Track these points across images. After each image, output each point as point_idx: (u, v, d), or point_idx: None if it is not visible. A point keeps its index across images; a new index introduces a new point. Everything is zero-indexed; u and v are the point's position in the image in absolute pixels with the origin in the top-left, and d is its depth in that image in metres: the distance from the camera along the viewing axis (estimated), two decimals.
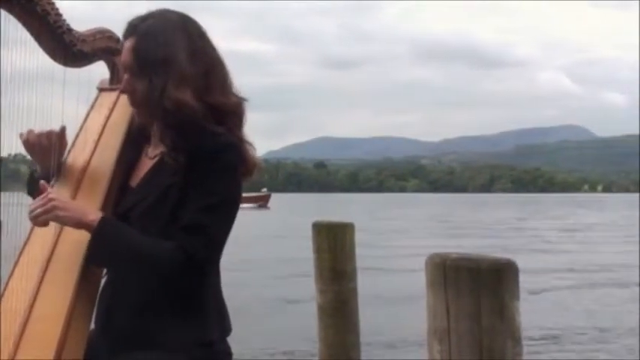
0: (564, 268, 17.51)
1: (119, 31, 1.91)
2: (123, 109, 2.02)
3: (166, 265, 1.69)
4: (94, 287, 1.82)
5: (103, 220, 1.74)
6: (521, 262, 1.40)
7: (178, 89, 1.75)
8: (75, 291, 1.73)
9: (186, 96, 1.76)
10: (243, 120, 1.86)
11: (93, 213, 1.76)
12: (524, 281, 1.39)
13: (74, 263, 1.76)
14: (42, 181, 1.77)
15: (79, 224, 1.74)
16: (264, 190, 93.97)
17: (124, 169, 1.93)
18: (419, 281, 1.58)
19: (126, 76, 1.84)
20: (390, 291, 14.66)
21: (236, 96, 1.85)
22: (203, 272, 1.72)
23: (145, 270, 1.73)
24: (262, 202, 79.46)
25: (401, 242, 25.51)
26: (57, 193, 1.79)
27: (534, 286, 13.52)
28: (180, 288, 1.74)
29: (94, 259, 1.74)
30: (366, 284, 4.31)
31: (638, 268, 16.08)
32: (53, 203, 1.72)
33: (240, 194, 1.82)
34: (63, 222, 1.75)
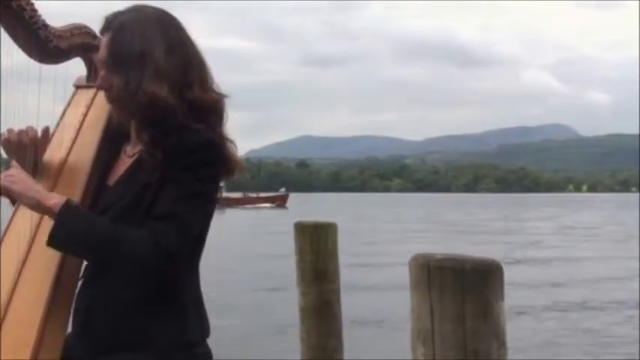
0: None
1: (98, 27, 1.89)
2: (100, 107, 2.01)
3: (133, 250, 1.67)
4: (71, 288, 1.81)
5: (67, 203, 1.72)
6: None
7: (154, 84, 1.74)
8: (51, 292, 1.72)
9: (163, 91, 1.75)
10: (224, 117, 1.85)
11: (56, 197, 1.73)
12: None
13: (50, 264, 1.75)
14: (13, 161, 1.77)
15: (38, 207, 1.73)
16: (282, 189, 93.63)
17: (102, 168, 1.92)
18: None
19: (102, 72, 1.82)
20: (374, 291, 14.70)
21: (216, 92, 1.84)
22: (174, 260, 1.69)
23: (112, 257, 1.70)
24: (280, 202, 79.54)
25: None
26: (23, 171, 1.78)
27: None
28: (153, 281, 1.71)
29: (55, 242, 1.70)
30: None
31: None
32: (11, 176, 1.74)
33: (217, 192, 1.81)
34: (18, 197, 1.75)
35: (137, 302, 1.74)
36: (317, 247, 3.72)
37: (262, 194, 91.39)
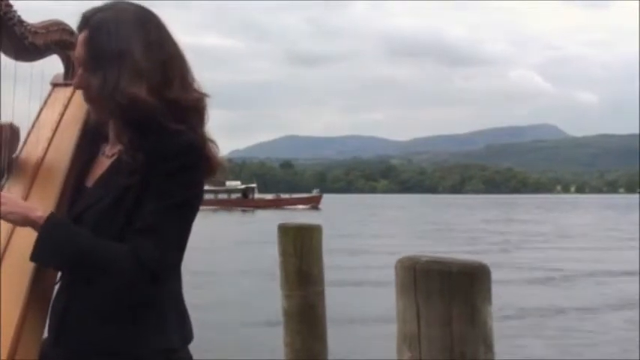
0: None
1: (76, 24, 1.88)
2: (78, 106, 1.99)
3: (116, 268, 1.66)
4: (47, 294, 1.79)
5: (50, 217, 1.70)
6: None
7: (132, 83, 1.72)
8: (27, 298, 1.70)
9: (141, 91, 1.73)
10: (205, 117, 1.83)
11: (40, 210, 1.72)
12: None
13: (26, 268, 1.73)
14: None
15: (26, 221, 1.70)
16: (316, 190, 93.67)
17: (80, 169, 1.90)
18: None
19: (79, 71, 1.81)
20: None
21: (197, 91, 1.83)
22: (156, 277, 1.69)
23: (94, 273, 1.69)
24: (314, 203, 79.56)
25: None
26: (3, 190, 1.76)
27: None
28: (135, 294, 1.71)
29: (39, 257, 1.69)
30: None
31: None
32: None
33: (201, 195, 1.80)
34: (8, 219, 1.71)
35: (114, 309, 1.73)
36: (301, 249, 3.71)
37: (295, 195, 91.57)
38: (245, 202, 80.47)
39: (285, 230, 3.81)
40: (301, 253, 3.71)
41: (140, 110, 1.73)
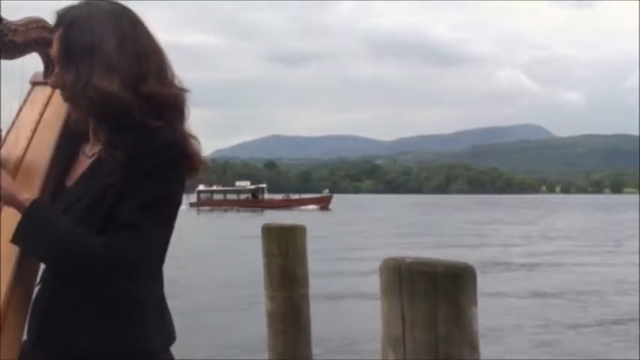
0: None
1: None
2: (58, 104, 1.97)
3: (92, 260, 1.65)
4: (29, 289, 1.78)
5: (36, 202, 1.71)
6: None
7: (104, 78, 1.72)
8: (9, 291, 1.69)
9: (114, 86, 1.72)
10: (185, 112, 1.83)
11: (27, 194, 1.72)
12: None
13: (10, 254, 1.72)
14: None
15: (11, 199, 1.71)
16: (326, 191, 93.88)
17: (60, 168, 1.89)
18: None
19: (55, 70, 1.80)
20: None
21: (176, 86, 1.82)
22: (133, 272, 1.68)
23: (70, 263, 1.69)
24: (324, 204, 79.59)
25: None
26: None
27: None
28: (111, 290, 1.70)
29: (20, 240, 1.69)
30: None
31: None
32: None
33: (181, 192, 1.79)
34: None
35: (95, 310, 1.72)
36: (285, 250, 3.71)
37: (305, 195, 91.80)
38: (254, 202, 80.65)
39: (269, 231, 3.80)
40: (285, 254, 3.70)
41: (113, 105, 1.72)
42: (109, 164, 1.73)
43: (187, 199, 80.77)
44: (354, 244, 27.40)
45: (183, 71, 1.84)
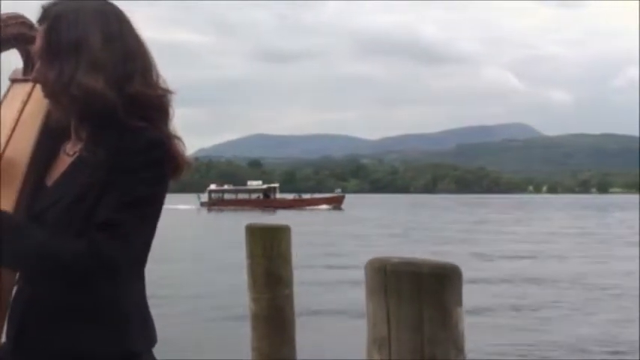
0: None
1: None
2: (38, 102, 1.96)
3: (70, 263, 1.64)
4: (7, 293, 1.77)
5: (4, 213, 1.69)
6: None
7: (89, 76, 1.71)
8: None
9: (98, 83, 1.72)
10: (169, 114, 1.82)
11: (6, 192, 1.71)
12: None
13: None
14: None
15: None
16: (338, 190, 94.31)
17: (40, 167, 1.88)
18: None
19: (37, 65, 1.79)
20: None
21: (161, 88, 1.82)
22: (115, 273, 1.68)
23: (48, 269, 1.67)
24: (336, 204, 79.64)
25: None
26: None
27: None
28: (93, 292, 1.69)
29: None
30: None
31: None
32: None
33: (164, 194, 1.79)
34: None
35: (75, 312, 1.71)
36: (270, 251, 3.70)
37: (317, 195, 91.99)
38: (266, 202, 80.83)
39: (252, 231, 3.79)
40: (270, 255, 3.70)
41: (96, 103, 1.71)
42: (91, 163, 1.72)
43: (199, 198, 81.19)
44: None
45: (166, 69, 1.84)
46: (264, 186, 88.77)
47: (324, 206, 76.93)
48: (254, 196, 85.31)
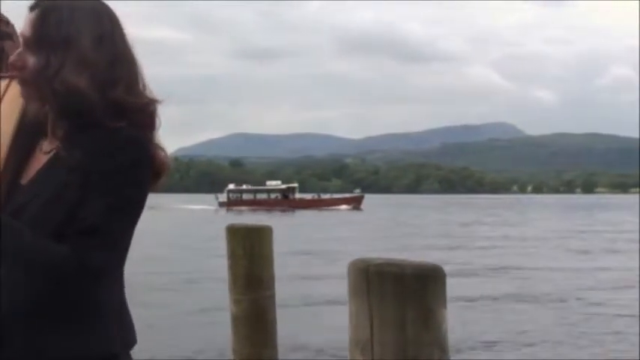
0: None
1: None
2: (13, 99, 1.95)
3: (58, 270, 1.64)
4: None
5: None
6: None
7: (75, 73, 1.71)
8: None
9: (82, 82, 1.71)
10: (155, 123, 1.81)
11: None
12: None
13: None
14: None
15: None
16: (357, 190, 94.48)
17: (15, 165, 1.87)
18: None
19: (19, 49, 1.78)
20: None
21: (146, 97, 1.81)
22: (99, 279, 1.67)
23: (33, 274, 1.67)
24: (355, 204, 79.58)
25: None
26: None
27: None
28: (75, 296, 1.69)
29: None
30: None
31: None
32: None
33: (145, 193, 1.78)
34: None
35: (54, 312, 1.70)
36: (251, 251, 3.69)
37: (336, 195, 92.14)
38: (285, 202, 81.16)
39: (233, 231, 3.78)
40: (251, 256, 3.69)
41: (77, 102, 1.71)
42: (67, 162, 1.71)
43: (217, 198, 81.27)
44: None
45: (145, 66, 1.83)
46: (283, 186, 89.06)
47: (344, 206, 77.13)
48: (273, 196, 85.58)
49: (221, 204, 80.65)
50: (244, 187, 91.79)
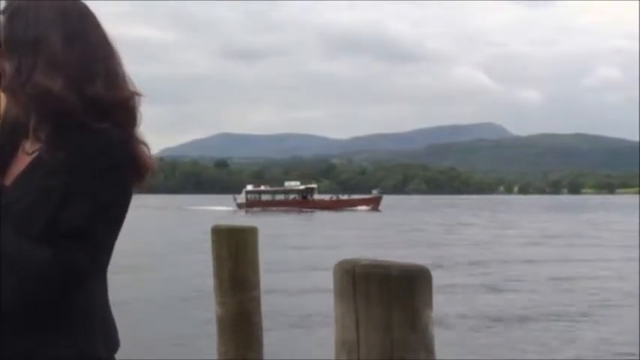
0: None
1: None
2: None
3: (41, 273, 1.63)
4: None
5: None
6: None
7: (46, 75, 1.69)
8: None
9: (55, 84, 1.69)
10: (136, 117, 1.80)
11: None
12: None
13: None
14: None
15: None
16: (375, 191, 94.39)
17: None
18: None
19: None
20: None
21: (127, 90, 1.80)
22: (83, 282, 1.67)
23: (16, 277, 1.65)
24: (374, 205, 79.27)
25: None
26: None
27: None
28: (59, 299, 1.68)
29: None
30: None
31: None
32: None
33: (129, 195, 1.77)
34: None
35: (37, 316, 1.69)
36: (236, 253, 3.68)
37: (355, 196, 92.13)
38: (303, 203, 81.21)
39: (218, 232, 3.77)
40: (236, 257, 3.68)
41: (53, 104, 1.69)
42: (50, 165, 1.70)
43: (235, 199, 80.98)
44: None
45: (129, 66, 1.82)
46: (302, 187, 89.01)
47: (363, 207, 77.07)
48: (291, 196, 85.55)
49: (239, 205, 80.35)
50: (262, 187, 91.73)
